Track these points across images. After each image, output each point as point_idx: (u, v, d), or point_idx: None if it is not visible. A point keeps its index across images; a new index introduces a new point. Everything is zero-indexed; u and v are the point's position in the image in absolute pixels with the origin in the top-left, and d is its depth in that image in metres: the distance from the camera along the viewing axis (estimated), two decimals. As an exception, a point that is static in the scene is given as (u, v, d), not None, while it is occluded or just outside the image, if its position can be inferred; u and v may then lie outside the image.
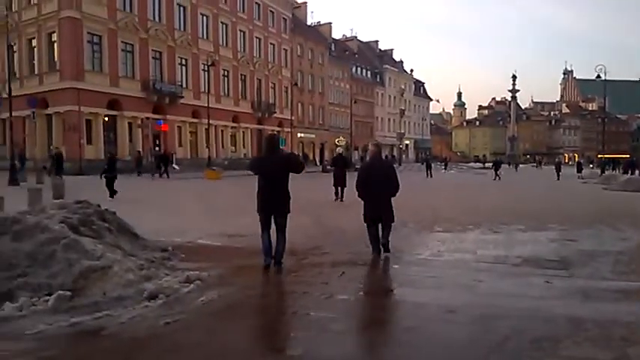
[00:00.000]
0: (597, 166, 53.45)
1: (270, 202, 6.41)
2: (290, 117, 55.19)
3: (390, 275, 6.71)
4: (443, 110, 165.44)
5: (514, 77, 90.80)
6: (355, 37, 79.14)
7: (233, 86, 46.24)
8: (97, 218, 6.61)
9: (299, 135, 57.58)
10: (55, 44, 32.62)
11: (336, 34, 74.12)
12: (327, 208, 14.10)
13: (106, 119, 33.68)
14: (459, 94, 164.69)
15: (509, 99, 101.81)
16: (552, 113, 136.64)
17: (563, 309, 4.85)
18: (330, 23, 68.74)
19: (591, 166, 61.17)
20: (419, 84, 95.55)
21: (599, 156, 63.54)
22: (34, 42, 33.98)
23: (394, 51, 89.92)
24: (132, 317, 4.50)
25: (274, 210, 6.42)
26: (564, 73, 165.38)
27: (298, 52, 57.97)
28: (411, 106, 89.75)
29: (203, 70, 40.76)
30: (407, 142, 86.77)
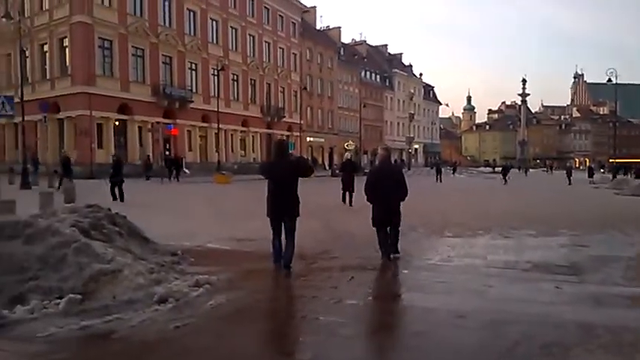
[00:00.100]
0: (609, 171, 52.98)
1: (279, 206, 6.46)
2: (299, 121, 55.29)
3: (400, 280, 6.69)
4: (452, 114, 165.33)
5: (524, 81, 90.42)
6: (364, 42, 79.21)
7: (242, 91, 46.41)
8: (108, 222, 6.65)
9: (308, 139, 57.64)
10: (67, 49, 32.99)
11: (345, 39, 74.37)
12: (336, 213, 14.10)
13: (117, 123, 33.92)
14: (469, 98, 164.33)
15: (519, 103, 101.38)
16: (563, 117, 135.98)
17: (573, 315, 4.82)
18: (340, 27, 68.91)
19: (602, 171, 60.63)
20: (428, 88, 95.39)
21: (610, 160, 62.96)
22: (46, 47, 34.34)
23: (403, 55, 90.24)
24: (142, 321, 4.52)
25: (284, 214, 6.47)
26: (575, 77, 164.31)
27: (307, 57, 58.09)
28: (421, 110, 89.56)
29: (213, 75, 40.99)
30: (416, 147, 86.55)
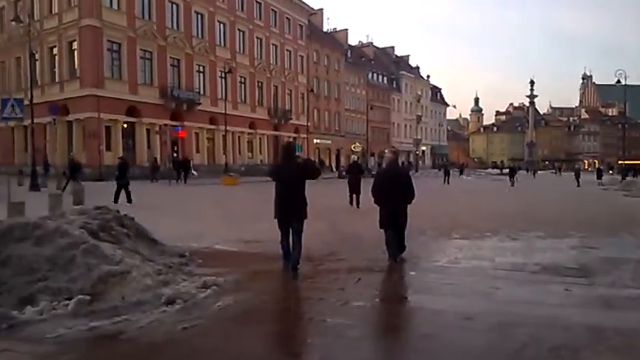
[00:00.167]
0: (618, 173, 52.62)
1: (287, 209, 6.52)
2: (306, 123, 55.36)
3: (407, 282, 6.67)
4: (460, 116, 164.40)
5: (532, 82, 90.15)
6: (371, 44, 79.19)
7: (250, 93, 46.53)
8: (116, 224, 6.69)
9: (315, 141, 57.67)
10: (76, 52, 33.27)
11: (352, 41, 74.33)
12: (343, 214, 14.09)
13: (125, 126, 34.12)
14: (476, 100, 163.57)
15: (527, 104, 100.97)
16: (571, 119, 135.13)
17: (582, 317, 4.79)
18: (347, 30, 68.92)
19: (611, 173, 60.23)
20: (435, 90, 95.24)
21: (619, 162, 62.56)
22: (55, 50, 34.65)
23: (410, 57, 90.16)
24: (150, 322, 4.54)
25: (291, 216, 6.52)
26: (583, 78, 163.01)
27: (314, 59, 58.16)
28: (428, 112, 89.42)
29: (220, 77, 41.11)
30: (423, 148, 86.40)
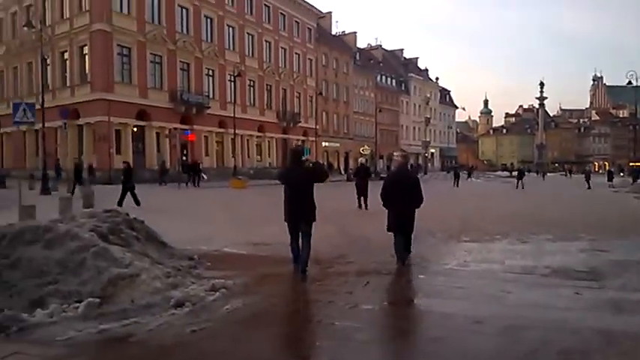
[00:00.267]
0: (628, 175, 52.17)
1: (296, 212, 6.59)
2: (315, 126, 55.39)
3: (416, 285, 6.65)
4: (469, 118, 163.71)
5: (542, 84, 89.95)
6: (380, 46, 79.07)
7: (259, 96, 46.63)
8: (126, 227, 6.73)
9: (324, 144, 57.67)
10: (87, 57, 33.48)
11: (361, 43, 74.25)
12: (352, 217, 14.09)
13: (135, 129, 34.28)
14: (486, 102, 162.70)
15: (536, 106, 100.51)
16: (581, 120, 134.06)
17: (593, 321, 4.75)
18: (355, 32, 68.83)
19: (622, 175, 59.72)
20: (444, 92, 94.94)
21: (630, 164, 61.98)
22: (67, 55, 34.92)
23: (419, 59, 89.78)
24: (159, 325, 4.57)
25: (300, 219, 6.58)
26: (594, 80, 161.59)
27: (323, 62, 58.20)
28: (437, 114, 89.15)
29: (229, 81, 41.26)
30: (432, 151, 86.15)
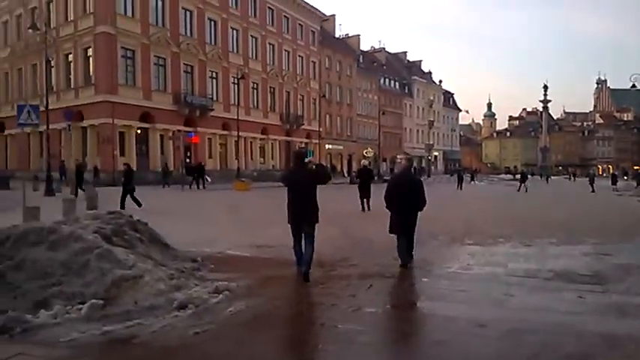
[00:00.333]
0: (632, 178, 52.05)
1: (299, 214, 6.60)
2: (318, 129, 55.39)
3: (419, 288, 6.64)
4: (472, 121, 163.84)
5: (545, 87, 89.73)
6: (383, 49, 79.16)
7: (262, 98, 46.71)
8: (129, 228, 6.74)
9: (327, 146, 57.66)
10: (91, 59, 33.61)
11: (365, 46, 74.33)
12: (355, 219, 14.08)
13: (139, 132, 34.38)
14: (489, 105, 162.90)
15: (540, 109, 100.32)
16: (585, 124, 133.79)
17: (596, 325, 4.73)
18: (359, 35, 68.90)
19: (626, 178, 59.57)
20: (448, 95, 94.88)
21: (634, 167, 61.85)
22: (71, 57, 35.03)
23: (423, 62, 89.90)
24: (162, 326, 4.57)
25: (303, 220, 6.60)
26: (597, 83, 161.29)
27: (326, 64, 58.25)
28: (440, 117, 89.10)
29: (233, 83, 41.38)
30: (436, 154, 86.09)
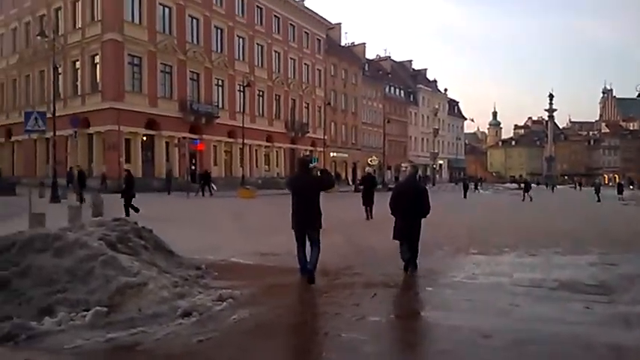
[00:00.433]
0: (639, 187, 51.76)
1: (303, 219, 6.72)
2: (323, 136, 55.47)
3: (424, 298, 6.62)
4: (478, 129, 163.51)
5: (551, 96, 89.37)
6: (389, 57, 79.29)
7: (267, 106, 46.80)
8: (134, 236, 6.76)
9: (332, 154, 57.67)
10: (98, 66, 33.80)
11: (370, 54, 74.49)
12: (359, 227, 14.04)
13: (145, 138, 34.50)
14: (494, 114, 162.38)
15: (546, 118, 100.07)
16: (591, 133, 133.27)
17: (602, 336, 4.70)
18: (364, 44, 69.08)
19: (632, 188, 59.25)
20: (453, 103, 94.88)
21: (641, 177, 61.56)
22: (78, 64, 35.24)
23: (428, 70, 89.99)
24: (166, 334, 4.57)
25: (307, 225, 6.73)
26: (603, 92, 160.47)
27: (332, 73, 58.39)
28: (445, 126, 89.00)
29: (239, 91, 41.51)
30: (440, 162, 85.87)
